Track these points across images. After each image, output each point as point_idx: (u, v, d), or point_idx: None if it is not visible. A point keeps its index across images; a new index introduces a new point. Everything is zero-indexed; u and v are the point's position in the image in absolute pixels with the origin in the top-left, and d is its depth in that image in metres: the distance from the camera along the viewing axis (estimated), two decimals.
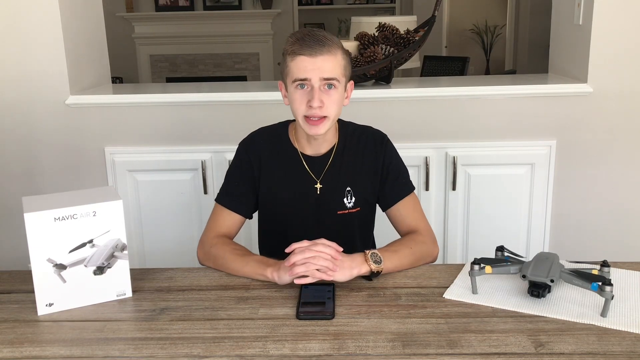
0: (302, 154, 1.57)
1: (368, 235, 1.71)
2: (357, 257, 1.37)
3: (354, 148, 1.59)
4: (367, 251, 1.39)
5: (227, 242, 1.53)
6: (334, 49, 1.44)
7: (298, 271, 1.30)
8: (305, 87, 1.44)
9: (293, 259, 1.32)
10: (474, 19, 8.62)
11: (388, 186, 1.59)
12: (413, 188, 1.61)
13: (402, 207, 1.58)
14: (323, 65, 1.42)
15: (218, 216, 1.60)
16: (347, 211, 1.58)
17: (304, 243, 1.34)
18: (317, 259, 1.31)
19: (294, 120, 1.60)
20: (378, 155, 1.59)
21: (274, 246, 1.60)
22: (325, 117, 1.45)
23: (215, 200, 1.62)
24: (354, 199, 1.58)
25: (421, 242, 1.52)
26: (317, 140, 1.54)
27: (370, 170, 1.59)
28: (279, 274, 1.35)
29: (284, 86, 1.51)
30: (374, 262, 1.37)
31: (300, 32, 1.47)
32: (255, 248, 2.39)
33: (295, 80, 1.44)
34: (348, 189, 1.57)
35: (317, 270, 1.31)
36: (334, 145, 1.58)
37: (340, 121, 1.61)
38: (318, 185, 1.56)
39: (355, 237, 1.64)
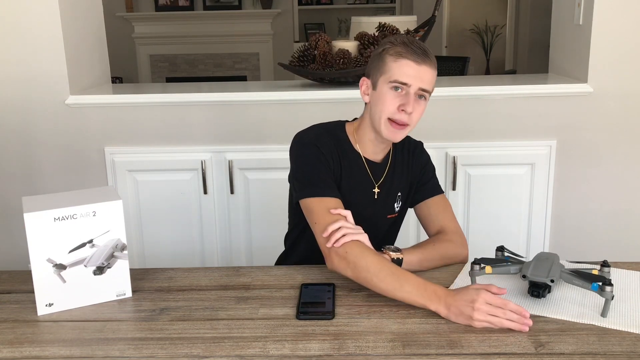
0: (364, 158, 1.55)
1: (396, 236, 1.73)
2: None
3: (401, 155, 1.61)
4: (383, 246, 1.42)
5: (369, 252, 1.34)
6: (434, 64, 1.44)
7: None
8: (400, 90, 1.42)
9: None
10: (474, 19, 8.62)
11: (421, 184, 1.62)
12: (443, 192, 1.64)
13: (432, 205, 1.60)
14: (424, 76, 1.41)
15: (325, 212, 1.41)
16: (394, 215, 1.61)
17: None
18: None
19: (347, 122, 1.59)
20: (420, 162, 1.62)
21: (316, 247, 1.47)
22: (408, 125, 1.45)
23: (308, 196, 1.45)
24: (401, 203, 1.61)
25: (447, 240, 1.52)
26: (384, 143, 1.53)
27: (411, 178, 1.62)
28: (458, 314, 1.20)
29: (371, 83, 1.48)
30: (392, 251, 1.40)
31: (402, 36, 1.46)
32: (258, 256, 2.38)
33: (393, 81, 1.41)
34: (399, 194, 1.60)
35: None
36: (389, 152, 1.59)
37: None
38: (376, 190, 1.57)
39: (391, 239, 1.67)
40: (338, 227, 1.36)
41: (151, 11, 6.55)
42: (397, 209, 1.61)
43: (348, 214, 1.41)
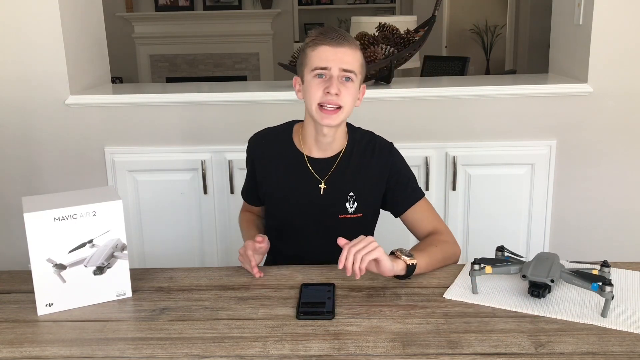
0: (307, 156, 1.56)
1: None
2: (390, 256, 1.35)
3: (360, 154, 1.58)
4: (395, 249, 1.38)
5: (245, 217, 1.73)
6: (354, 46, 1.48)
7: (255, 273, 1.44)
8: (324, 76, 1.45)
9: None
10: (474, 19, 8.62)
11: (399, 192, 1.58)
12: (423, 194, 1.61)
13: (418, 210, 1.58)
14: (344, 57, 1.44)
15: (245, 203, 1.77)
16: (348, 216, 1.57)
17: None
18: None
19: (300, 121, 1.61)
20: (386, 163, 1.58)
21: (275, 243, 1.62)
22: (340, 107, 1.45)
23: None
24: (356, 204, 1.57)
25: (444, 241, 1.51)
26: (326, 138, 1.52)
27: (376, 178, 1.57)
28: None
29: (300, 80, 1.52)
30: (405, 255, 1.36)
31: (321, 28, 1.51)
32: None
33: (314, 69, 1.45)
34: (351, 194, 1.56)
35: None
36: (342, 149, 1.57)
37: (349, 125, 1.61)
38: (322, 186, 1.55)
39: None
40: (346, 254, 1.28)
41: (151, 11, 6.56)
42: (350, 210, 1.56)
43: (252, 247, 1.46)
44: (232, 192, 2.41)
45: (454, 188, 2.41)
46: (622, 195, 2.44)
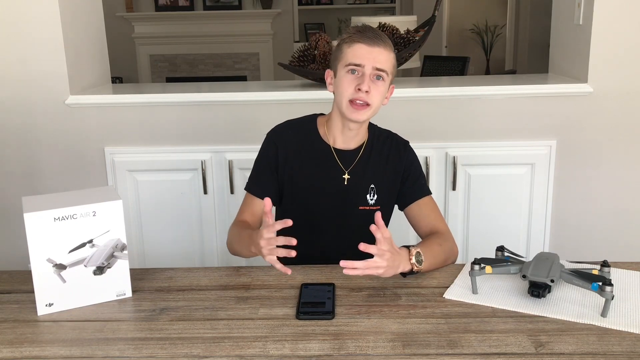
0: (332, 147, 1.60)
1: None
2: (403, 253, 1.37)
3: (380, 148, 1.63)
4: (412, 249, 1.39)
5: (237, 225, 1.59)
6: (389, 47, 1.52)
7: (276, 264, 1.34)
8: (356, 73, 1.49)
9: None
10: (474, 19, 8.62)
11: (408, 186, 1.63)
12: (431, 192, 1.65)
13: (422, 206, 1.62)
14: (378, 56, 1.48)
15: (244, 204, 1.65)
16: (368, 207, 1.61)
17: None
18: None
19: (321, 115, 1.65)
20: (401, 158, 1.63)
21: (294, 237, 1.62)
22: (368, 105, 1.49)
23: (244, 189, 1.67)
24: (376, 196, 1.61)
25: (446, 239, 1.54)
26: (351, 131, 1.56)
27: (392, 173, 1.62)
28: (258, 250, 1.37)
29: (333, 73, 1.56)
30: (417, 261, 1.37)
31: (358, 26, 1.56)
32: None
33: (348, 65, 1.49)
34: (372, 186, 1.61)
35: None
36: (364, 142, 1.62)
37: (369, 122, 1.65)
38: (346, 176, 1.59)
39: (370, 237, 1.64)
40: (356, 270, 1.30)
41: (151, 11, 6.55)
42: (370, 202, 1.61)
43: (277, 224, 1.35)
44: (232, 192, 2.41)
45: (454, 188, 2.41)
46: (622, 195, 2.44)
